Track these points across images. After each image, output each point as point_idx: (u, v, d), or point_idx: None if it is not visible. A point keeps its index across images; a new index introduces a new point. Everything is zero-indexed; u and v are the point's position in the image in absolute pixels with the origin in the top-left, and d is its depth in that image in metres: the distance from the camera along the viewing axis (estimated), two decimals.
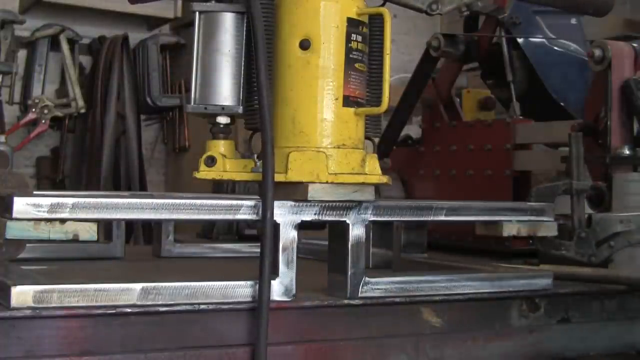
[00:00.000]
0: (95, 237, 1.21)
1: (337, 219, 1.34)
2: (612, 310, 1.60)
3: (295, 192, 1.33)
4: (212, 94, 1.34)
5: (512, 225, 1.55)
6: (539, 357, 1.51)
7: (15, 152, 3.91)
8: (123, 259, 1.85)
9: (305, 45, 1.34)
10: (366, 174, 1.37)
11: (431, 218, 1.47)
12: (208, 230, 2.31)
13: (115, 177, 4.26)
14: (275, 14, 1.37)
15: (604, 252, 1.70)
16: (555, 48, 2.38)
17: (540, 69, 2.32)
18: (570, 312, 1.56)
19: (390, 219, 1.41)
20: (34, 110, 4.14)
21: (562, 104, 2.30)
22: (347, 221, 1.34)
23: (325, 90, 1.34)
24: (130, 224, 3.70)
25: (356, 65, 1.36)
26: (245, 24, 1.34)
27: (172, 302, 1.22)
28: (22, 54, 4.23)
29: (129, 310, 1.19)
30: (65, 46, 4.27)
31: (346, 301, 1.34)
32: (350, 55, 1.36)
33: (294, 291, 1.30)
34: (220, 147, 1.36)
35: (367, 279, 1.35)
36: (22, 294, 1.14)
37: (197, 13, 1.36)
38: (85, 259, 1.80)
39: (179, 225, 1.97)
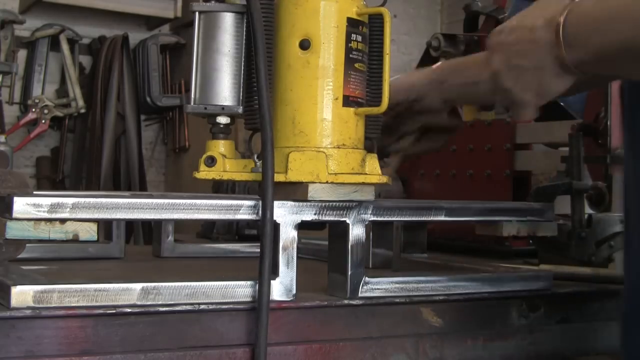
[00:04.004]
0: (95, 237, 1.20)
1: (337, 219, 1.34)
2: (612, 310, 1.60)
3: (295, 192, 1.33)
4: (212, 94, 1.34)
5: (512, 225, 1.55)
6: (539, 357, 1.51)
7: (15, 152, 3.91)
8: (123, 259, 1.85)
9: (305, 45, 1.34)
10: (366, 174, 1.37)
11: (431, 218, 1.47)
12: (208, 230, 2.31)
13: (115, 177, 4.27)
14: (275, 14, 1.37)
15: (604, 252, 1.70)
16: None
17: None
18: (570, 312, 1.56)
19: (390, 219, 1.41)
20: (34, 110, 4.15)
21: (562, 103, 2.30)
22: (347, 221, 1.34)
23: (325, 90, 1.34)
24: (130, 224, 3.70)
25: (356, 65, 1.36)
26: (245, 24, 1.34)
27: (172, 302, 1.22)
28: (22, 54, 4.23)
29: (129, 310, 1.19)
30: (65, 46, 4.28)
31: (346, 301, 1.34)
32: (350, 55, 1.36)
33: (294, 291, 1.30)
34: (220, 147, 1.36)
35: (367, 279, 1.35)
36: (22, 294, 1.14)
37: (196, 13, 1.36)
38: (85, 259, 1.80)
39: (179, 225, 1.97)
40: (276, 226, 1.29)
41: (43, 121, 4.16)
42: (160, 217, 1.27)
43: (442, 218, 1.47)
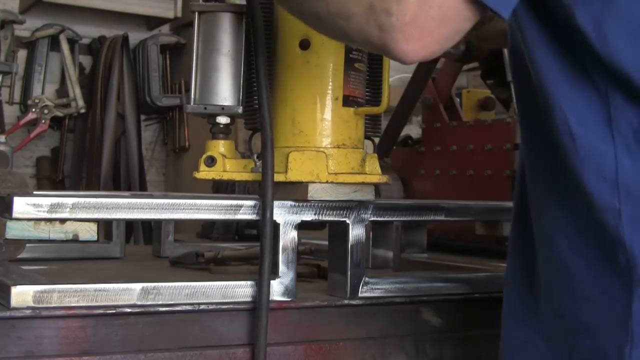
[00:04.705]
0: (95, 237, 1.21)
1: (337, 219, 1.34)
2: None
3: (295, 192, 1.33)
4: (212, 94, 1.34)
5: None
6: None
7: (15, 152, 3.90)
8: (123, 259, 1.85)
9: (304, 45, 1.34)
10: (366, 173, 1.37)
11: (431, 218, 1.47)
12: (208, 230, 2.31)
13: (115, 177, 4.26)
14: (275, 13, 1.37)
15: None
16: None
17: None
18: None
19: (390, 219, 1.41)
20: (34, 110, 4.14)
21: None
22: (347, 221, 1.34)
23: (325, 90, 1.34)
24: (130, 224, 3.70)
25: (356, 64, 1.36)
26: (245, 24, 1.34)
27: (172, 302, 1.22)
28: (22, 54, 4.22)
29: (129, 310, 1.19)
30: (65, 46, 4.27)
31: (346, 301, 1.34)
32: (350, 55, 1.36)
33: (294, 291, 1.30)
34: (220, 147, 1.36)
35: (367, 279, 1.35)
36: (22, 294, 1.14)
37: (196, 13, 1.36)
38: (85, 259, 1.80)
39: (179, 225, 1.97)
40: (276, 226, 1.29)
41: (43, 121, 4.16)
42: (160, 217, 1.27)
43: (442, 218, 1.47)
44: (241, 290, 1.26)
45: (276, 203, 1.27)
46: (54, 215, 1.17)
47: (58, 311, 1.15)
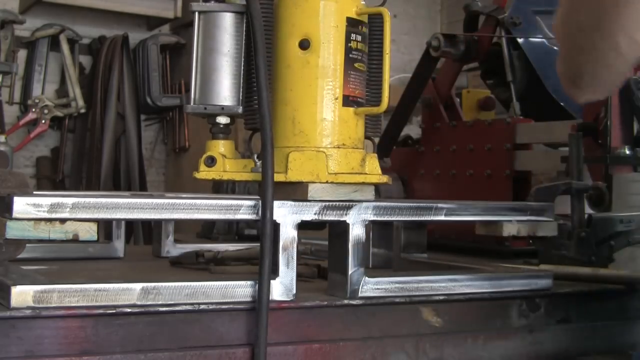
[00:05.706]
0: (95, 237, 1.21)
1: (337, 218, 1.34)
2: (612, 310, 1.60)
3: (295, 191, 1.33)
4: (211, 94, 1.34)
5: (512, 225, 1.55)
6: (539, 357, 1.51)
7: (15, 152, 3.91)
8: (123, 259, 1.85)
9: (304, 45, 1.34)
10: (366, 173, 1.37)
11: (431, 218, 1.47)
12: (208, 230, 2.31)
13: (115, 177, 4.27)
14: (275, 13, 1.37)
15: (604, 252, 1.70)
16: (555, 48, 2.38)
17: (540, 69, 2.32)
18: (570, 312, 1.56)
19: (390, 219, 1.41)
20: (34, 110, 4.15)
21: (562, 104, 2.30)
22: (347, 221, 1.34)
23: (325, 90, 1.34)
24: (130, 224, 3.70)
25: (356, 65, 1.36)
26: (244, 24, 1.34)
27: (172, 302, 1.22)
28: (22, 54, 4.23)
29: (129, 310, 1.19)
30: (65, 46, 4.28)
31: (346, 301, 1.34)
32: (350, 55, 1.36)
33: (294, 291, 1.30)
34: (220, 147, 1.36)
35: (367, 279, 1.35)
36: (22, 294, 1.14)
37: (196, 13, 1.36)
38: (85, 259, 1.80)
39: (179, 225, 1.97)
40: (276, 226, 1.29)
41: (43, 121, 4.17)
42: (160, 217, 1.27)
43: (442, 218, 1.47)
44: (241, 290, 1.26)
45: (276, 203, 1.27)
46: (54, 215, 1.17)
47: (58, 311, 1.15)
